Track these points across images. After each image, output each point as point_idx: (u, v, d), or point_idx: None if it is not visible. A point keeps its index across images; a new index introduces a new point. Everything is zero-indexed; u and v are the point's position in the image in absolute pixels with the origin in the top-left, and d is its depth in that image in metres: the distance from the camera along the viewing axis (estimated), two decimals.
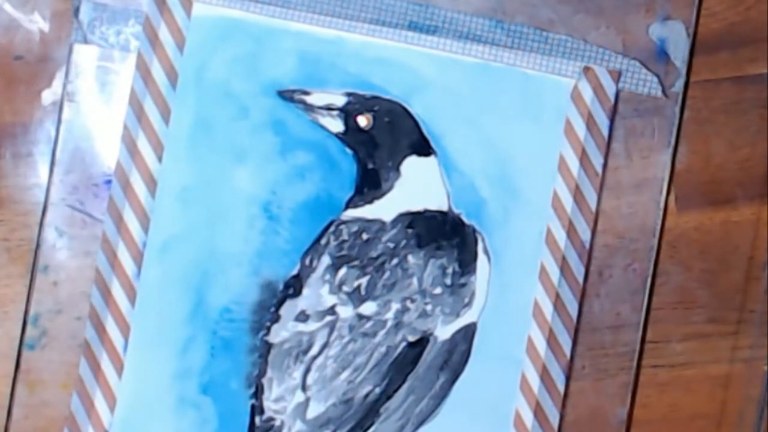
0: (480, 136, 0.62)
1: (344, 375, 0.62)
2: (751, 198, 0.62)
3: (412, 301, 0.61)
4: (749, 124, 0.62)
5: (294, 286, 0.62)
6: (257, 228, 0.62)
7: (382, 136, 0.62)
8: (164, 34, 0.62)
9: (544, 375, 0.61)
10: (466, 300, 0.61)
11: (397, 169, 0.62)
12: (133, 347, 0.62)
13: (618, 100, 0.62)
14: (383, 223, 0.62)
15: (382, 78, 0.62)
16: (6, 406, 0.62)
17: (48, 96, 0.63)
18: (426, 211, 0.62)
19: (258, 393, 0.62)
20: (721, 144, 0.62)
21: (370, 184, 0.62)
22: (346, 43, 0.62)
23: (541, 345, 0.61)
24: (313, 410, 0.62)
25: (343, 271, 0.62)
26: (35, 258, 0.62)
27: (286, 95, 0.62)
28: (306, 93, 0.62)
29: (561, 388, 0.61)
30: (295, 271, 0.62)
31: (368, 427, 0.62)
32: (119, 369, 0.62)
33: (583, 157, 0.61)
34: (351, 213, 0.62)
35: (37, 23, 0.63)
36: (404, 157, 0.62)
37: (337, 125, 0.62)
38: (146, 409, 0.62)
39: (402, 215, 0.62)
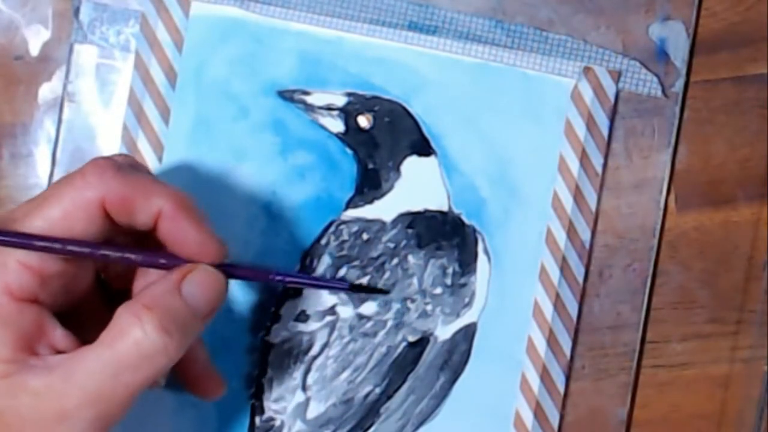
0: (480, 136, 0.62)
1: (344, 375, 0.62)
2: (751, 198, 0.62)
3: (413, 301, 0.61)
4: (749, 124, 0.62)
5: None
6: (257, 228, 0.62)
7: (383, 136, 0.62)
8: (162, 34, 0.62)
9: (544, 375, 0.61)
10: (466, 300, 0.62)
11: (398, 169, 0.62)
12: None
13: (618, 100, 0.62)
14: (383, 223, 0.62)
15: (382, 78, 0.62)
16: None
17: (48, 96, 0.63)
18: (426, 211, 0.62)
19: (258, 393, 0.62)
20: (721, 144, 0.62)
21: (371, 184, 0.62)
22: (346, 43, 0.62)
23: (541, 345, 0.61)
24: (313, 410, 0.62)
25: (343, 271, 0.62)
26: None
27: (286, 95, 0.62)
28: (306, 93, 0.62)
29: (561, 388, 0.61)
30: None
31: (368, 427, 0.62)
32: None
33: (583, 157, 0.62)
34: (351, 213, 0.62)
35: (37, 23, 0.63)
36: (404, 157, 0.62)
37: (337, 125, 0.62)
38: (146, 409, 0.62)
39: (402, 215, 0.62)
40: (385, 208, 0.62)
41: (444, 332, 0.62)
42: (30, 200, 0.51)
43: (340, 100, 0.62)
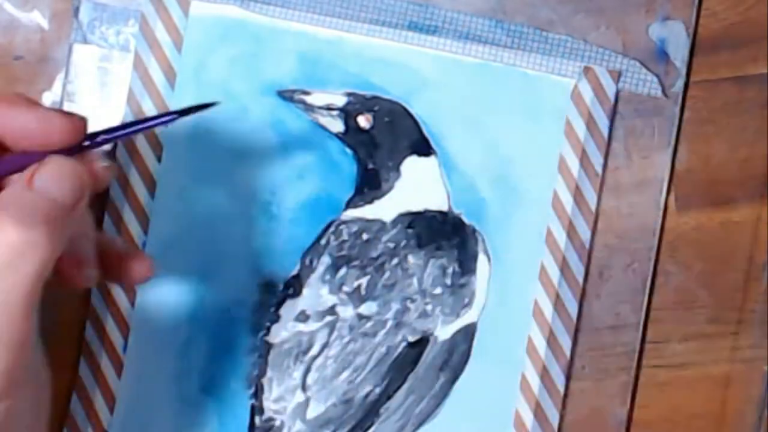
0: (480, 136, 0.62)
1: (344, 375, 0.62)
2: (751, 198, 0.62)
3: (412, 301, 0.61)
4: (749, 124, 0.62)
5: (294, 286, 0.62)
6: (257, 228, 0.62)
7: (383, 136, 0.62)
8: (161, 34, 0.62)
9: (544, 375, 0.61)
10: (466, 300, 0.62)
11: (398, 169, 0.62)
12: (132, 347, 0.62)
13: (618, 100, 0.62)
14: (383, 223, 0.62)
15: (382, 78, 0.62)
16: None
17: (48, 96, 0.62)
18: (426, 211, 0.62)
19: (258, 393, 0.62)
20: (721, 144, 0.62)
21: (370, 184, 0.62)
22: (346, 43, 0.62)
23: (541, 345, 0.61)
24: (313, 410, 0.62)
25: (343, 271, 0.62)
26: None
27: (286, 95, 0.62)
28: (306, 93, 0.62)
29: (561, 388, 0.61)
30: (295, 271, 0.62)
31: (368, 427, 0.62)
32: (118, 369, 0.61)
33: (583, 157, 0.62)
34: (351, 213, 0.62)
35: (37, 23, 0.63)
36: (404, 157, 0.62)
37: (337, 125, 0.62)
38: (146, 409, 0.62)
39: (402, 215, 0.62)
40: (385, 208, 0.62)
41: (444, 332, 0.62)
42: None
43: (340, 100, 0.62)
